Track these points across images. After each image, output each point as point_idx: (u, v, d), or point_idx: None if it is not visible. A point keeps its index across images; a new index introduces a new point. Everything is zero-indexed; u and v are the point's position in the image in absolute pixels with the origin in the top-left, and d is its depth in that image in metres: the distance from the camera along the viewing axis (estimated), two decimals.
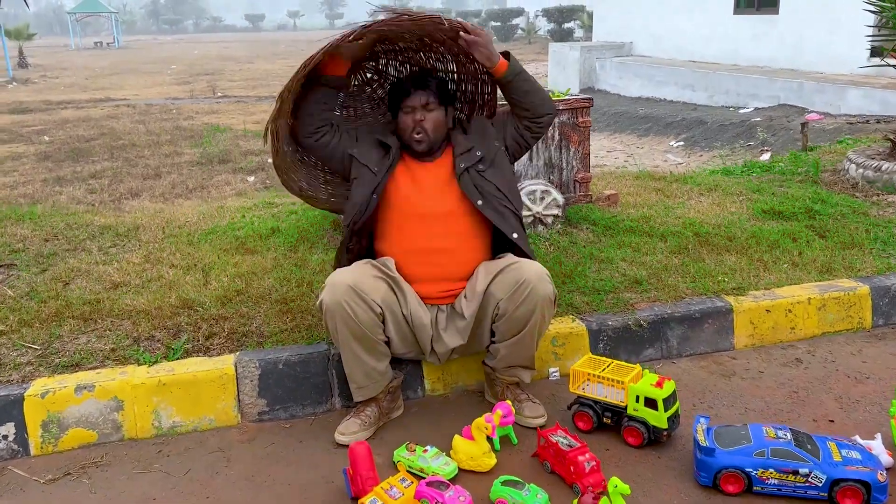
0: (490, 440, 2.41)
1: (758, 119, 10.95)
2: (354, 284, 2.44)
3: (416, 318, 2.57)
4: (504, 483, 2.19)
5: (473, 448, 2.37)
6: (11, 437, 2.54)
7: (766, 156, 8.77)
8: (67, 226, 4.30)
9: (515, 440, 2.52)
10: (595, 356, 2.67)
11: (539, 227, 3.95)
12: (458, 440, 2.41)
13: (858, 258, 3.65)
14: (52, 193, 7.54)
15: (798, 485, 2.16)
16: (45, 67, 27.92)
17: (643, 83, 15.26)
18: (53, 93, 18.67)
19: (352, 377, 2.57)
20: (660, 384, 2.44)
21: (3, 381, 2.64)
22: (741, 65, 14.23)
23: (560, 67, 17.57)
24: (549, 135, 4.01)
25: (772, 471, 2.17)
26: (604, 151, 11.16)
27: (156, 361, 2.75)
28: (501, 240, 2.73)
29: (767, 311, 3.20)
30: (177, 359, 2.77)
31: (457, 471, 2.34)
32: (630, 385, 2.46)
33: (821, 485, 2.14)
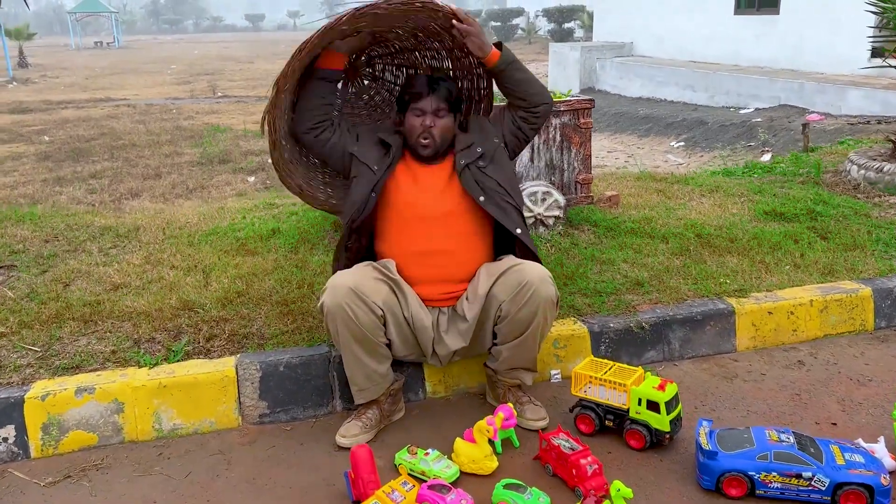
0: (492, 443, 2.40)
1: (758, 119, 10.94)
2: (355, 287, 2.43)
3: (418, 321, 2.56)
4: (506, 486, 2.18)
5: (475, 451, 2.36)
6: (11, 440, 2.53)
7: (767, 156, 8.76)
8: (68, 227, 4.29)
9: (517, 443, 2.51)
10: (597, 359, 2.67)
11: (540, 229, 3.94)
12: (460, 443, 2.40)
13: (860, 260, 3.64)
14: (53, 193, 7.54)
15: (801, 488, 2.15)
16: (46, 67, 27.91)
17: (644, 83, 15.26)
18: (53, 92, 18.67)
19: (353, 380, 2.56)
20: (662, 387, 2.43)
21: (4, 384, 2.63)
22: (742, 65, 14.22)
23: (560, 67, 17.56)
24: (551, 136, 4.00)
25: (775, 474, 2.16)
26: (604, 152, 11.16)
27: (156, 363, 2.74)
28: (502, 241, 2.73)
29: (769, 313, 3.19)
30: (177, 361, 2.76)
31: (458, 474, 2.33)
32: (632, 388, 2.45)
33: (824, 488, 2.13)
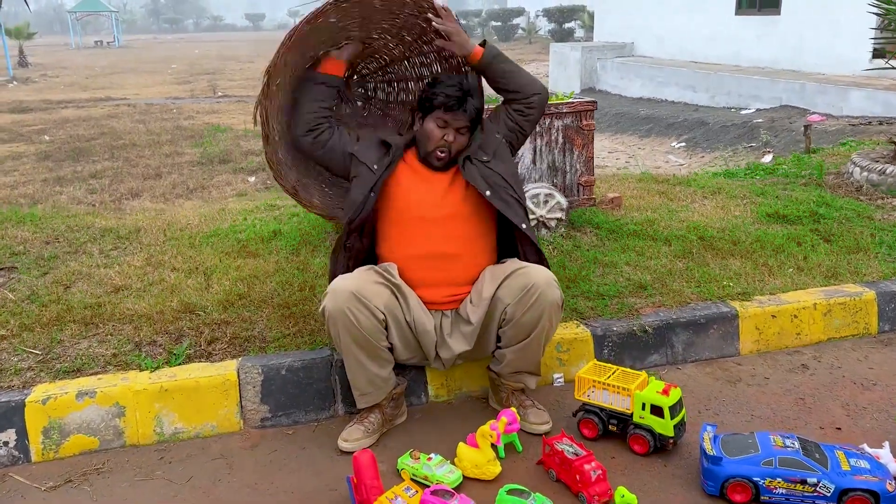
0: (495, 448, 2.39)
1: (760, 120, 10.93)
2: (357, 291, 2.42)
3: (420, 325, 2.55)
4: (509, 492, 2.17)
5: (478, 456, 2.35)
6: (12, 444, 2.52)
7: (769, 157, 8.75)
8: (68, 228, 4.28)
9: (520, 448, 2.50)
10: (600, 363, 2.65)
11: (542, 231, 3.93)
12: (463, 448, 2.39)
13: (864, 263, 3.63)
14: (53, 193, 7.53)
15: (806, 494, 2.14)
16: (46, 66, 27.89)
17: (644, 84, 15.24)
18: (54, 92, 18.65)
19: (355, 384, 2.55)
20: (666, 391, 2.42)
21: (4, 387, 2.62)
22: (743, 65, 14.20)
23: (561, 68, 17.55)
24: (553, 138, 3.99)
25: (779, 480, 2.15)
26: (605, 152, 11.14)
27: (158, 367, 2.73)
28: (505, 244, 2.72)
29: (773, 317, 3.18)
30: (179, 364, 2.75)
31: (461, 479, 2.32)
32: (636, 392, 2.44)
33: (829, 494, 2.12)
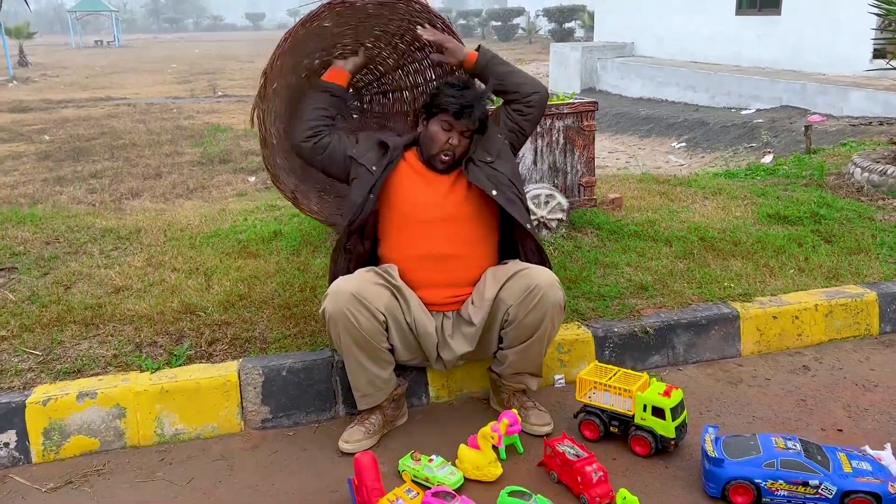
0: (496, 449, 2.39)
1: (760, 120, 10.92)
2: (357, 292, 2.42)
3: (421, 326, 2.54)
4: (510, 494, 2.17)
5: (479, 457, 2.34)
6: (13, 445, 2.51)
7: (769, 158, 8.75)
8: (68, 228, 4.27)
9: (521, 449, 2.49)
10: (601, 364, 2.65)
11: (543, 232, 3.92)
12: (464, 449, 2.38)
13: (865, 264, 3.63)
14: (53, 193, 7.52)
15: (808, 496, 2.14)
16: (46, 66, 27.88)
17: (644, 84, 15.23)
18: (54, 91, 18.64)
19: (355, 385, 2.55)
20: (667, 393, 2.42)
21: (5, 388, 2.62)
22: (743, 66, 14.20)
23: (561, 68, 17.55)
24: (554, 139, 3.99)
25: (781, 482, 2.15)
26: (605, 152, 11.14)
27: (158, 368, 2.72)
28: (505, 245, 2.72)
29: (774, 318, 3.17)
30: (179, 365, 2.75)
31: (462, 481, 2.32)
32: (637, 394, 2.43)
33: (831, 496, 2.12)
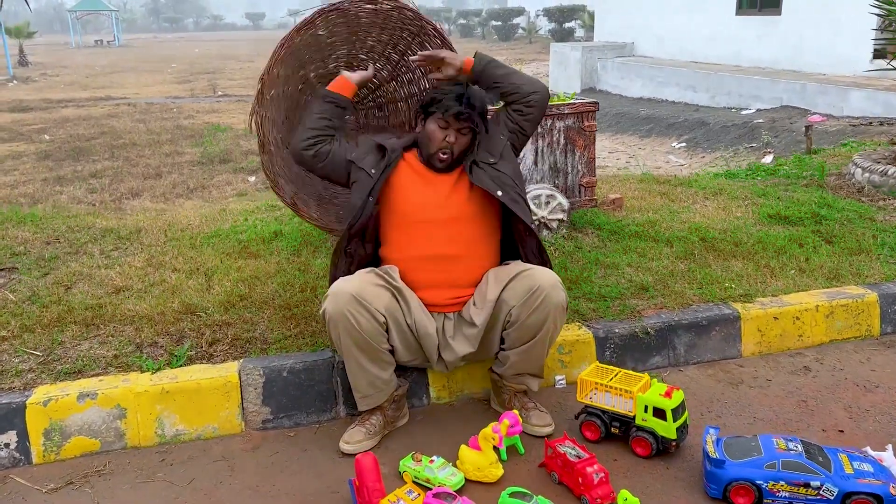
0: (497, 450, 2.39)
1: (760, 120, 10.92)
2: (357, 293, 2.42)
3: (421, 327, 2.54)
4: (511, 495, 2.16)
5: (480, 458, 2.34)
6: (13, 446, 2.51)
7: (769, 158, 8.74)
8: (69, 228, 4.27)
9: (522, 450, 2.49)
10: (602, 365, 2.65)
11: (544, 232, 3.92)
12: (465, 450, 2.38)
13: (866, 264, 3.62)
14: (53, 193, 7.53)
15: (810, 498, 2.13)
16: (46, 65, 27.87)
17: (645, 84, 15.23)
18: (54, 91, 18.64)
19: (356, 386, 2.55)
20: (668, 394, 2.42)
21: (5, 389, 2.61)
22: (743, 66, 14.20)
23: (562, 68, 17.55)
24: (555, 139, 3.99)
25: (783, 483, 2.15)
26: (606, 152, 11.14)
27: (159, 368, 2.72)
28: (505, 246, 2.72)
29: (775, 319, 3.17)
30: (180, 366, 2.74)
31: (463, 482, 2.32)
32: (639, 395, 2.43)
33: (832, 498, 2.11)
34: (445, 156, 2.61)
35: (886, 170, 4.95)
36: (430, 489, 2.21)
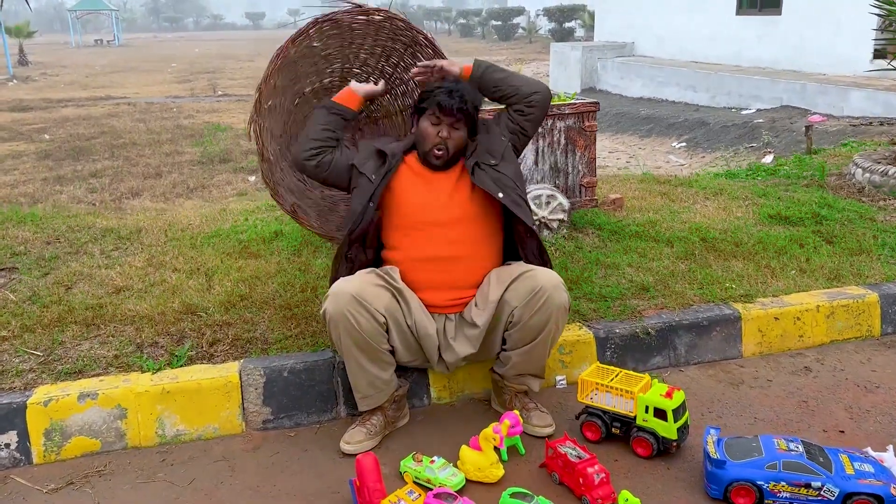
0: (497, 451, 2.39)
1: (760, 120, 10.92)
2: (357, 294, 2.42)
3: (421, 328, 2.54)
4: (512, 495, 2.16)
5: (481, 459, 2.34)
6: (14, 446, 2.51)
7: (769, 158, 8.74)
8: (69, 228, 4.27)
9: (523, 450, 2.49)
10: (603, 365, 2.65)
11: (545, 232, 3.92)
12: (466, 451, 2.38)
13: (867, 265, 3.62)
14: (53, 192, 7.52)
15: (810, 498, 2.13)
16: (46, 65, 27.87)
17: (645, 84, 15.23)
18: (54, 90, 18.64)
19: (356, 387, 2.55)
20: (669, 394, 2.42)
21: (6, 389, 2.61)
22: (743, 66, 14.19)
23: (562, 67, 17.55)
24: (555, 139, 3.99)
25: (784, 484, 2.15)
26: (606, 152, 11.14)
27: (159, 369, 2.72)
28: (507, 247, 2.71)
29: (776, 319, 3.17)
30: (180, 366, 2.74)
31: (464, 482, 2.32)
32: (639, 395, 2.43)
33: (833, 498, 2.11)
34: (440, 152, 2.60)
35: (887, 170, 4.94)
36: (431, 489, 2.21)
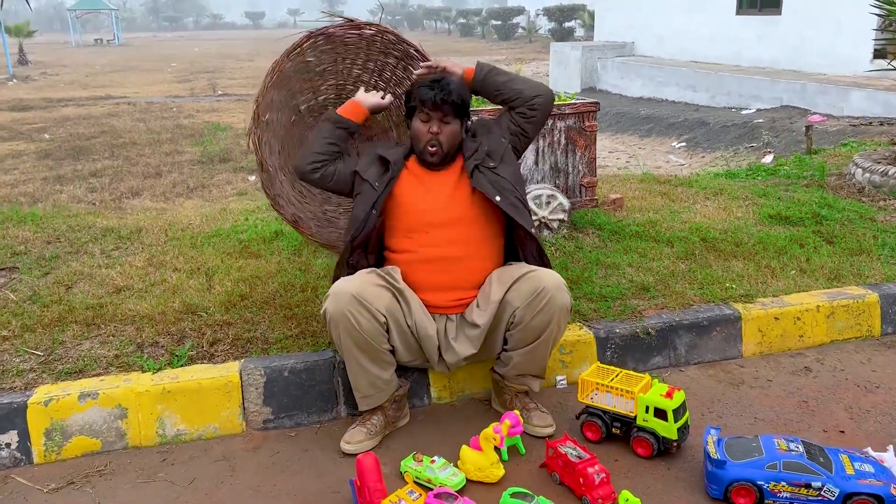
0: (498, 451, 2.39)
1: (760, 120, 10.92)
2: (358, 293, 2.42)
3: (422, 329, 2.54)
4: (513, 495, 2.16)
5: (481, 459, 2.34)
6: (14, 446, 2.51)
7: (769, 158, 8.75)
8: (69, 228, 4.27)
9: (524, 450, 2.49)
10: (603, 365, 2.65)
11: (545, 232, 3.92)
12: (466, 451, 2.38)
13: (867, 265, 3.62)
14: (53, 192, 7.52)
15: (811, 498, 2.14)
16: (46, 64, 27.86)
17: (645, 83, 15.23)
18: (54, 90, 18.63)
19: (356, 386, 2.55)
20: (669, 395, 2.42)
21: (6, 388, 2.61)
22: (743, 65, 14.19)
23: (562, 67, 17.54)
24: (556, 139, 3.99)
25: (784, 484, 2.15)
26: (606, 152, 11.14)
27: (160, 368, 2.72)
28: (510, 248, 2.72)
29: (776, 319, 3.17)
30: (181, 366, 2.74)
31: (464, 482, 2.32)
32: (639, 395, 2.43)
33: (833, 498, 2.12)
34: (434, 148, 2.60)
35: (887, 170, 4.95)
36: (432, 489, 2.21)
